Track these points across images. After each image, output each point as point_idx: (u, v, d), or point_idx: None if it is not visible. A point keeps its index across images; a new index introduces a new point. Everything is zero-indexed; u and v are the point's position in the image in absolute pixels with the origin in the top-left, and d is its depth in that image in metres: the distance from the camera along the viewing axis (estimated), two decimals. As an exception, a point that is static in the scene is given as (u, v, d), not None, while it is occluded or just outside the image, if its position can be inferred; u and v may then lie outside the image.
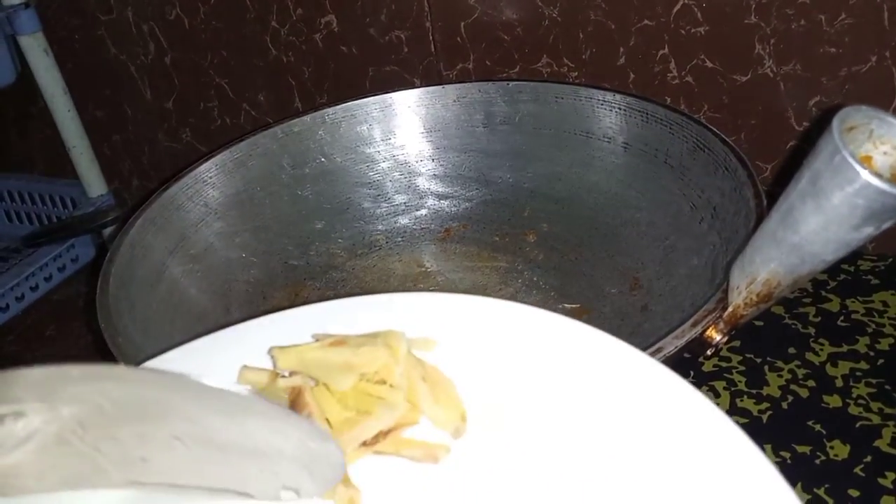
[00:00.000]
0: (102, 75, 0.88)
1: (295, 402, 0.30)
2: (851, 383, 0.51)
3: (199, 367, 0.32)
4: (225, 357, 0.33)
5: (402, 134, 0.61)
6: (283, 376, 0.31)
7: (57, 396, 0.23)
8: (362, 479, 0.28)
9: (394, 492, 0.28)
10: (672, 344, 0.35)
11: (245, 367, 0.32)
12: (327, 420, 0.29)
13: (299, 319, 0.34)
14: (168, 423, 0.25)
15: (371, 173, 0.62)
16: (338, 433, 0.29)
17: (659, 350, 0.35)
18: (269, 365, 0.32)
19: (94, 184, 0.88)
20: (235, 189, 0.58)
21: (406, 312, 0.34)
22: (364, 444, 0.29)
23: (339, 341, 0.31)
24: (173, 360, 0.34)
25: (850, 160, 0.29)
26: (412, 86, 0.61)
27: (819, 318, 0.57)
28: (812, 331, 0.56)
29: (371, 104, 0.61)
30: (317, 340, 0.32)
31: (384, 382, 0.30)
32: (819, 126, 0.35)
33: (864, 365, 0.53)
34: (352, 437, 0.29)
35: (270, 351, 0.32)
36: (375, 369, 0.30)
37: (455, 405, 0.30)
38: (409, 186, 0.62)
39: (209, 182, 0.56)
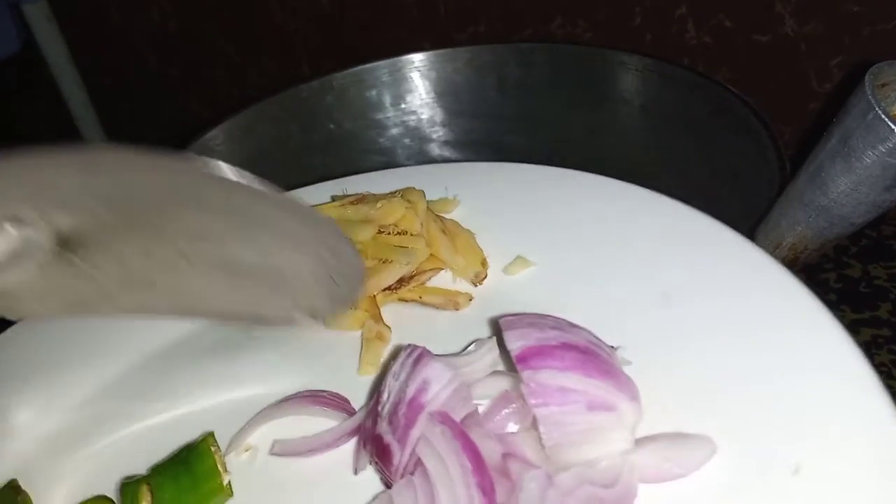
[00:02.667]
0: (107, 44, 0.86)
1: None
2: (873, 350, 0.50)
3: None
4: None
5: (413, 99, 0.60)
6: None
7: (48, 198, 0.22)
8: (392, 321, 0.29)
9: (427, 328, 0.29)
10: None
11: None
12: None
13: (318, 192, 0.36)
14: (174, 237, 0.24)
15: (381, 140, 0.61)
16: None
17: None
18: None
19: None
20: (243, 157, 0.57)
21: (426, 178, 0.34)
22: (388, 290, 0.30)
23: (359, 199, 0.33)
24: None
25: (884, 117, 0.27)
26: (422, 50, 0.60)
27: (840, 285, 0.55)
28: (833, 297, 0.55)
29: (380, 69, 0.59)
30: (335, 200, 0.33)
31: (404, 233, 0.31)
32: (843, 87, 0.34)
33: (886, 332, 0.51)
34: (375, 283, 0.30)
35: None
36: (394, 221, 0.31)
37: (475, 252, 0.31)
38: (420, 153, 0.61)
39: (216, 150, 0.55)
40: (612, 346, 0.23)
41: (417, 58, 0.60)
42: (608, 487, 0.20)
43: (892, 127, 0.27)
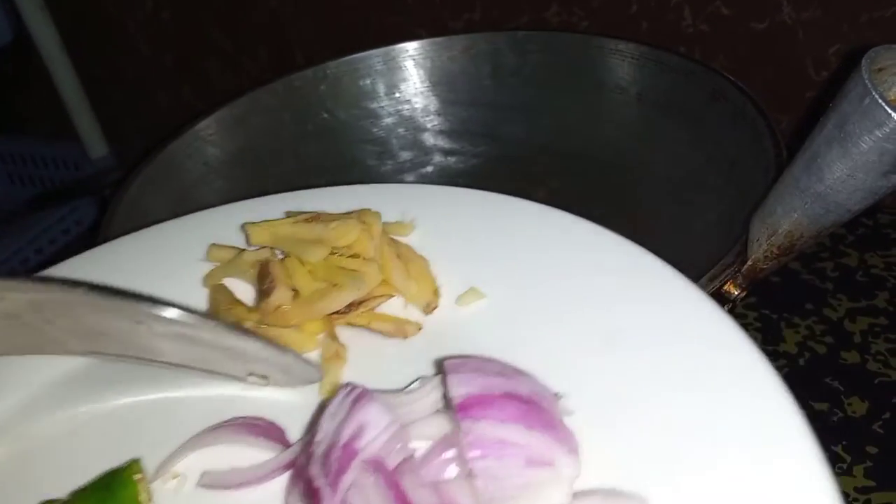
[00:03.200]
0: (100, 33, 0.86)
1: (260, 274, 0.30)
2: (870, 339, 0.50)
3: (171, 245, 0.34)
4: (198, 235, 0.33)
5: (407, 88, 0.60)
6: (254, 251, 0.32)
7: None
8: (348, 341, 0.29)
9: (373, 356, 0.28)
10: (689, 299, 0.34)
11: (213, 244, 0.33)
12: (295, 290, 0.29)
13: (274, 204, 0.35)
14: (130, 314, 0.24)
15: (375, 129, 0.60)
16: (307, 303, 0.29)
17: (675, 306, 0.34)
18: (242, 244, 0.33)
19: (95, 144, 0.87)
20: (236, 147, 0.56)
21: (383, 199, 0.33)
22: (337, 314, 0.29)
23: (313, 217, 0.32)
24: (147, 237, 0.35)
25: (881, 102, 0.27)
26: (417, 37, 0.59)
27: (837, 273, 0.55)
28: (830, 286, 0.54)
29: (374, 57, 0.59)
30: (289, 217, 0.32)
31: (357, 256, 0.30)
32: (842, 71, 0.33)
33: (883, 320, 0.51)
34: (322, 307, 0.29)
35: (244, 226, 0.33)
36: (348, 243, 0.30)
37: (428, 280, 0.30)
38: (414, 143, 0.60)
39: (209, 140, 0.55)
40: (556, 394, 0.23)
41: (412, 46, 0.59)
42: None
43: (889, 112, 0.27)
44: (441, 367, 0.23)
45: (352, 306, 0.29)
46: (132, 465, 0.24)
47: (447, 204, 0.33)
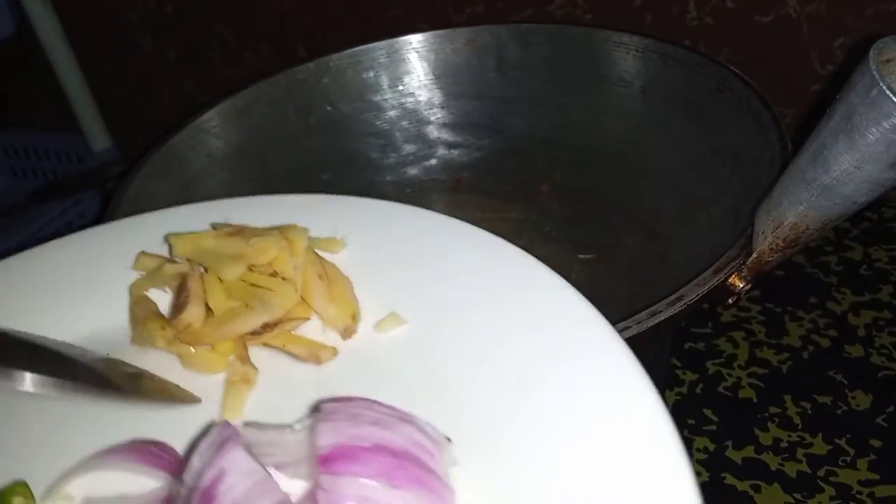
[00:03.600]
0: (102, 26, 0.85)
1: (178, 288, 0.30)
2: (874, 332, 0.50)
3: (100, 251, 0.34)
4: (127, 243, 0.33)
5: (411, 81, 0.59)
6: (177, 262, 0.31)
7: None
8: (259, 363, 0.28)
9: (284, 380, 0.28)
10: (694, 292, 0.34)
11: (142, 252, 0.32)
12: (209, 307, 0.29)
13: (212, 211, 0.34)
14: None
15: (378, 122, 0.60)
16: (219, 323, 0.28)
17: (680, 298, 0.33)
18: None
19: (98, 137, 0.87)
20: (239, 139, 0.56)
21: (316, 212, 0.32)
22: (252, 334, 0.28)
23: (236, 231, 0.31)
24: (79, 241, 0.35)
25: (888, 93, 0.27)
26: (420, 30, 0.59)
27: (841, 267, 0.55)
28: (834, 279, 0.54)
29: (378, 50, 0.59)
30: (215, 229, 0.32)
31: (276, 275, 0.29)
32: (848, 66, 0.33)
33: (886, 314, 0.51)
34: (233, 328, 0.28)
35: (167, 237, 0.32)
36: (267, 260, 0.29)
37: (348, 304, 0.29)
38: (418, 135, 0.60)
39: (212, 132, 0.55)
40: (448, 439, 0.22)
41: (415, 39, 0.59)
42: None
43: (897, 103, 0.27)
44: (317, 410, 0.22)
45: (267, 327, 0.28)
46: (15, 487, 0.24)
47: (381, 220, 0.32)
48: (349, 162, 0.60)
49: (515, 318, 0.26)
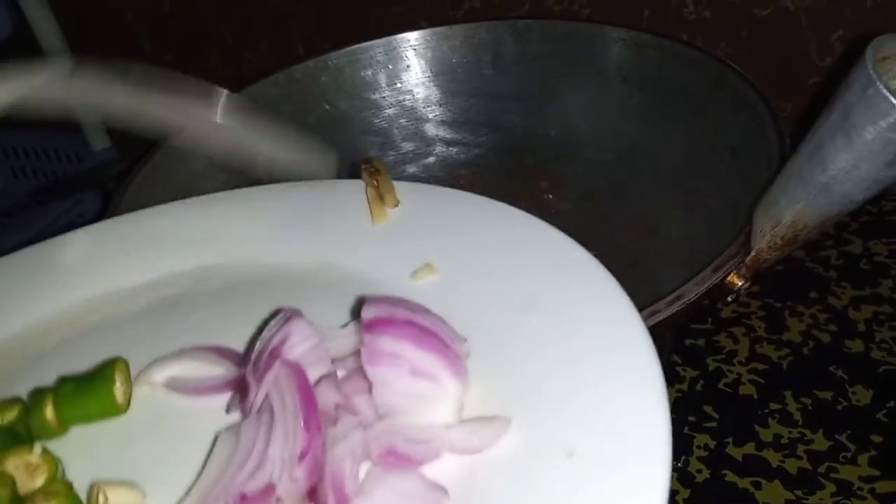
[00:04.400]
0: (100, 26, 0.85)
1: None
2: (874, 327, 0.50)
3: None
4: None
5: (409, 78, 0.59)
6: None
7: None
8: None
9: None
10: (692, 291, 0.34)
11: None
12: None
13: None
14: None
15: (377, 120, 0.60)
16: None
17: (679, 297, 0.33)
18: None
19: (97, 137, 0.87)
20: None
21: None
22: None
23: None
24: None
25: (885, 92, 0.27)
26: (418, 28, 0.59)
27: (841, 261, 0.55)
28: (834, 274, 0.54)
29: (375, 48, 0.59)
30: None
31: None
32: (845, 61, 0.33)
33: (887, 308, 0.51)
34: None
35: None
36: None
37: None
38: (416, 133, 0.60)
39: (210, 132, 0.55)
40: (463, 338, 0.26)
41: (413, 36, 0.59)
42: (415, 444, 0.23)
43: (894, 102, 0.27)
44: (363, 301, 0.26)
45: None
46: (117, 363, 0.28)
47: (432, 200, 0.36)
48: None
49: (522, 267, 0.31)
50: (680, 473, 0.43)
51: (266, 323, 0.27)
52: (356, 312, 0.28)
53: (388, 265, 0.32)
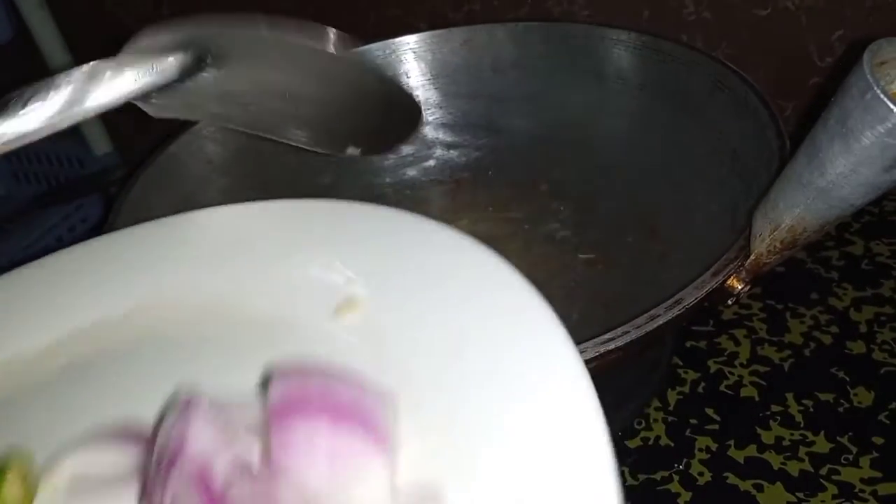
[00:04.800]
0: (101, 30, 0.85)
1: None
2: (876, 328, 0.50)
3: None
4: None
5: (408, 81, 0.59)
6: None
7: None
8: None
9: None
10: (692, 295, 0.34)
11: None
12: None
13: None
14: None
15: (377, 123, 0.60)
16: None
17: (678, 301, 0.33)
18: None
19: (99, 141, 0.87)
20: (238, 144, 0.56)
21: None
22: None
23: None
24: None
25: (883, 97, 0.27)
26: (417, 30, 0.59)
27: (842, 262, 0.55)
28: (835, 275, 0.54)
29: (374, 50, 0.59)
30: None
31: None
32: (845, 61, 0.33)
33: (888, 309, 0.51)
34: None
35: None
36: None
37: None
38: (416, 136, 0.60)
39: (210, 137, 0.55)
40: (391, 395, 0.24)
41: (412, 39, 0.59)
42: None
43: (892, 107, 0.27)
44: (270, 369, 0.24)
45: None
46: (11, 462, 0.24)
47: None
48: (349, 164, 0.59)
49: (453, 299, 0.28)
50: (682, 476, 0.43)
51: (167, 406, 0.24)
52: (265, 382, 0.26)
53: (307, 302, 0.30)
